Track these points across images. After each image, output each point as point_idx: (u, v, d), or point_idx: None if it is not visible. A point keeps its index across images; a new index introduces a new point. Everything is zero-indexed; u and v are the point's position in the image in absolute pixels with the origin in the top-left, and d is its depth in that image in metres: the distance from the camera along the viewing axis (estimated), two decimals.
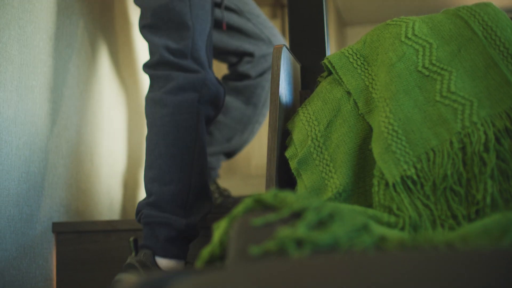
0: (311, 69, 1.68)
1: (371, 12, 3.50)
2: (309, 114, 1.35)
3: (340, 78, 1.36)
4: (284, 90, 1.46)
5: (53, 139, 1.90)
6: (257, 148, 3.01)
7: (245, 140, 2.35)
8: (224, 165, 3.02)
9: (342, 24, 3.60)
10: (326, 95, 1.36)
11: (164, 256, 1.68)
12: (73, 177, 2.02)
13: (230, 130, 2.27)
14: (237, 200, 2.26)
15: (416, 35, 1.31)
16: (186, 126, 1.76)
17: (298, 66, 1.68)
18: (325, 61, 1.41)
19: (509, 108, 1.15)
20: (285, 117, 1.45)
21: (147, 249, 1.67)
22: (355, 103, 1.32)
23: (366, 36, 1.40)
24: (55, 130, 1.92)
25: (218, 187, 2.32)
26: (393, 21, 1.38)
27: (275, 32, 2.28)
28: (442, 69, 1.24)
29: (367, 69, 1.34)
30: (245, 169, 3.06)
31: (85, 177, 2.11)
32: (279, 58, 1.42)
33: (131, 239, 1.69)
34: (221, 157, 2.31)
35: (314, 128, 1.32)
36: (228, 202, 2.26)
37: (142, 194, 2.48)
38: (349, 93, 1.34)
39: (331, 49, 3.20)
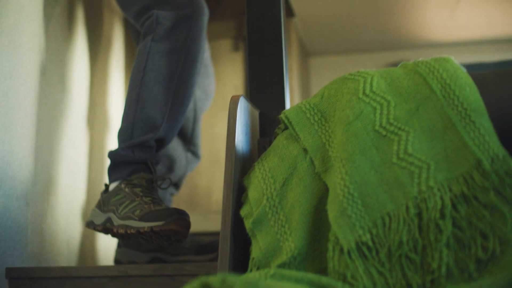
0: (270, 116, 1.66)
1: (333, 43, 3.50)
2: (265, 170, 1.33)
3: (297, 134, 1.34)
4: (241, 142, 1.44)
5: (7, 182, 1.85)
6: (218, 183, 2.98)
7: (185, 169, 2.38)
8: (184, 200, 2.99)
9: (305, 54, 3.60)
10: (283, 151, 1.34)
11: (109, 182, 1.95)
12: (28, 219, 1.97)
13: (168, 159, 2.31)
14: (194, 239, 2.23)
15: (374, 92, 1.29)
16: (137, 67, 1.95)
17: (256, 112, 1.66)
18: (282, 116, 1.38)
19: (466, 172, 1.13)
20: (242, 168, 1.43)
21: None
22: (312, 161, 1.30)
23: (324, 90, 1.38)
24: (10, 172, 1.87)
25: None
26: (351, 75, 1.36)
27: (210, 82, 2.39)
28: (399, 129, 1.22)
29: (324, 125, 1.33)
30: (206, 204, 3.03)
31: (41, 218, 2.06)
32: (235, 110, 1.40)
33: None
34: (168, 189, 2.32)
35: (269, 186, 1.29)
36: (186, 241, 2.22)
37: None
38: (305, 150, 1.32)
39: (293, 81, 3.19)
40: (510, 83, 1.33)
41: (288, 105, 1.71)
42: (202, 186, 2.46)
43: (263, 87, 1.73)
